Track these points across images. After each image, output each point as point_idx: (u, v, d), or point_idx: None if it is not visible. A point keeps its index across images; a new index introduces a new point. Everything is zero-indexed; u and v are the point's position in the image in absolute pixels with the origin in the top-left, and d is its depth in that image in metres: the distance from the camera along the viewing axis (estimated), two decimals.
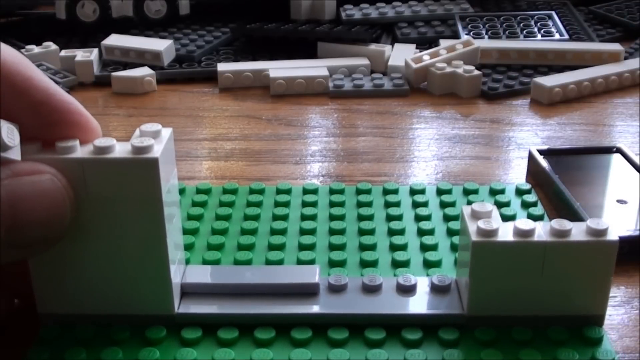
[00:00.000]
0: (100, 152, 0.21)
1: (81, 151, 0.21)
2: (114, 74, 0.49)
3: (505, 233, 0.22)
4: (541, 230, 0.22)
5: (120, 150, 0.21)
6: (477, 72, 0.47)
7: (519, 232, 0.22)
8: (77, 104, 0.22)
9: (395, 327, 0.23)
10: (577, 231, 0.22)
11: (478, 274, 0.23)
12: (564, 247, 0.22)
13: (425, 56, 0.48)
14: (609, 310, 0.25)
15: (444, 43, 0.52)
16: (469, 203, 0.31)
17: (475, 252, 0.22)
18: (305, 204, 0.31)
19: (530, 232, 0.22)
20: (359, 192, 0.32)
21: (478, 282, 0.23)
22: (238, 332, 0.23)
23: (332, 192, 0.32)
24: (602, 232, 0.22)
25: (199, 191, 0.32)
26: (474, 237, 0.22)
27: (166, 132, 0.22)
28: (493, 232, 0.22)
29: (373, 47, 0.52)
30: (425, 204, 0.31)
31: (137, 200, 0.21)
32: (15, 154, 0.20)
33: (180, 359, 0.22)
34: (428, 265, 0.27)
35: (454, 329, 0.23)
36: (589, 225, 0.22)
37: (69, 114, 0.22)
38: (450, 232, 0.29)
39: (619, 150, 0.35)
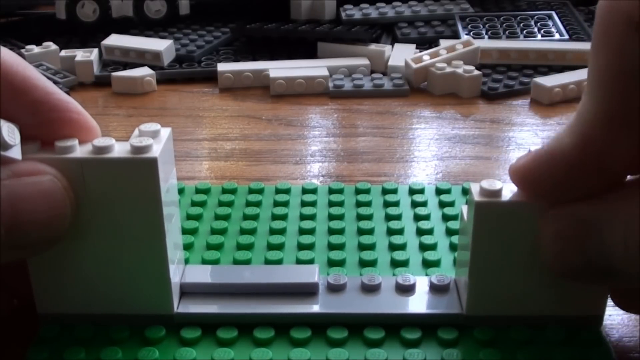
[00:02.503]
0: (99, 152, 0.21)
1: (80, 151, 0.21)
2: (114, 74, 0.49)
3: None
4: None
5: (119, 150, 0.21)
6: (477, 72, 0.47)
7: None
8: (76, 103, 0.22)
9: (394, 326, 0.23)
10: None
11: (477, 273, 0.23)
12: None
13: (425, 56, 0.48)
14: (609, 310, 0.25)
15: (444, 43, 0.52)
16: None
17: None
18: (304, 204, 0.31)
19: None
20: (358, 191, 0.32)
21: (477, 282, 0.23)
22: (237, 332, 0.23)
23: (331, 191, 0.32)
24: None
25: (198, 191, 0.32)
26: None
27: (165, 132, 0.22)
28: None
29: (373, 47, 0.52)
30: (424, 204, 0.31)
31: (136, 200, 0.21)
32: (16, 153, 0.20)
33: (180, 359, 0.22)
34: (427, 264, 0.27)
35: (453, 328, 0.23)
36: None
37: (68, 112, 0.22)
38: (450, 232, 0.29)
39: None
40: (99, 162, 0.21)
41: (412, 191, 0.32)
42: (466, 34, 0.54)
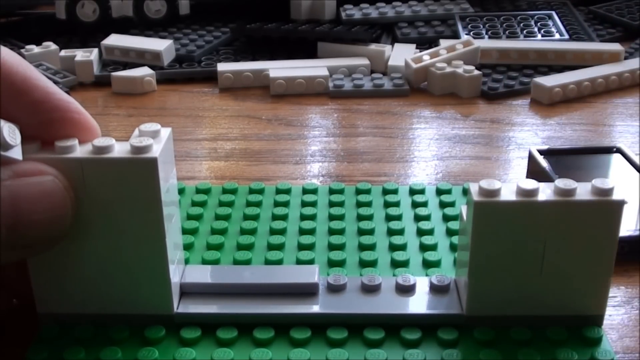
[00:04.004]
0: (99, 152, 0.21)
1: (80, 151, 0.21)
2: (114, 74, 0.49)
3: None
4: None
5: (120, 150, 0.21)
6: (477, 72, 0.47)
7: None
8: (77, 103, 0.22)
9: (394, 327, 0.23)
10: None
11: (477, 273, 0.22)
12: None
13: (425, 56, 0.48)
14: (609, 310, 0.25)
15: (444, 43, 0.52)
16: None
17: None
18: (304, 204, 0.31)
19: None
20: (358, 192, 0.32)
21: (477, 282, 0.23)
22: (237, 332, 0.23)
23: (331, 192, 0.32)
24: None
25: (198, 191, 0.32)
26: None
27: (165, 132, 0.22)
28: None
29: (373, 47, 0.52)
30: (424, 204, 0.31)
31: (136, 200, 0.21)
32: (17, 153, 0.20)
33: (179, 359, 0.22)
34: (427, 265, 0.27)
35: (453, 328, 0.23)
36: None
37: (69, 112, 0.22)
38: (450, 232, 0.29)
39: (619, 150, 0.35)
40: (99, 162, 0.21)
41: (413, 191, 0.32)
42: (466, 34, 0.54)
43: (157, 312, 0.23)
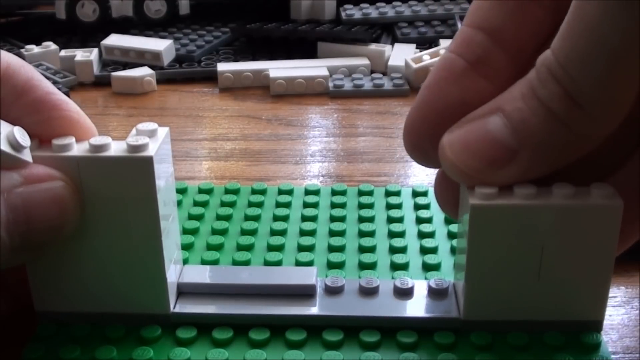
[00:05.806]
0: (96, 150, 0.21)
1: (77, 149, 0.21)
2: (114, 74, 0.49)
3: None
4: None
5: (116, 148, 0.21)
6: None
7: None
8: (75, 104, 0.23)
9: (391, 330, 0.23)
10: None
11: (474, 277, 0.22)
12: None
13: (425, 56, 0.48)
14: (609, 311, 0.25)
15: (444, 43, 0.52)
16: None
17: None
18: (306, 205, 0.31)
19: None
20: (360, 193, 0.32)
21: (474, 286, 0.22)
22: (232, 333, 0.23)
23: (333, 193, 0.32)
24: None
25: (201, 191, 0.32)
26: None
27: (162, 131, 0.22)
28: None
29: (373, 47, 0.52)
30: (427, 207, 0.31)
31: (132, 198, 0.21)
32: (27, 155, 0.21)
33: (174, 359, 0.22)
34: (427, 268, 0.27)
35: (450, 332, 0.23)
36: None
37: (67, 111, 0.22)
38: (451, 235, 0.29)
39: None
40: (95, 160, 0.21)
41: (416, 193, 0.32)
42: None
43: (153, 311, 0.23)
